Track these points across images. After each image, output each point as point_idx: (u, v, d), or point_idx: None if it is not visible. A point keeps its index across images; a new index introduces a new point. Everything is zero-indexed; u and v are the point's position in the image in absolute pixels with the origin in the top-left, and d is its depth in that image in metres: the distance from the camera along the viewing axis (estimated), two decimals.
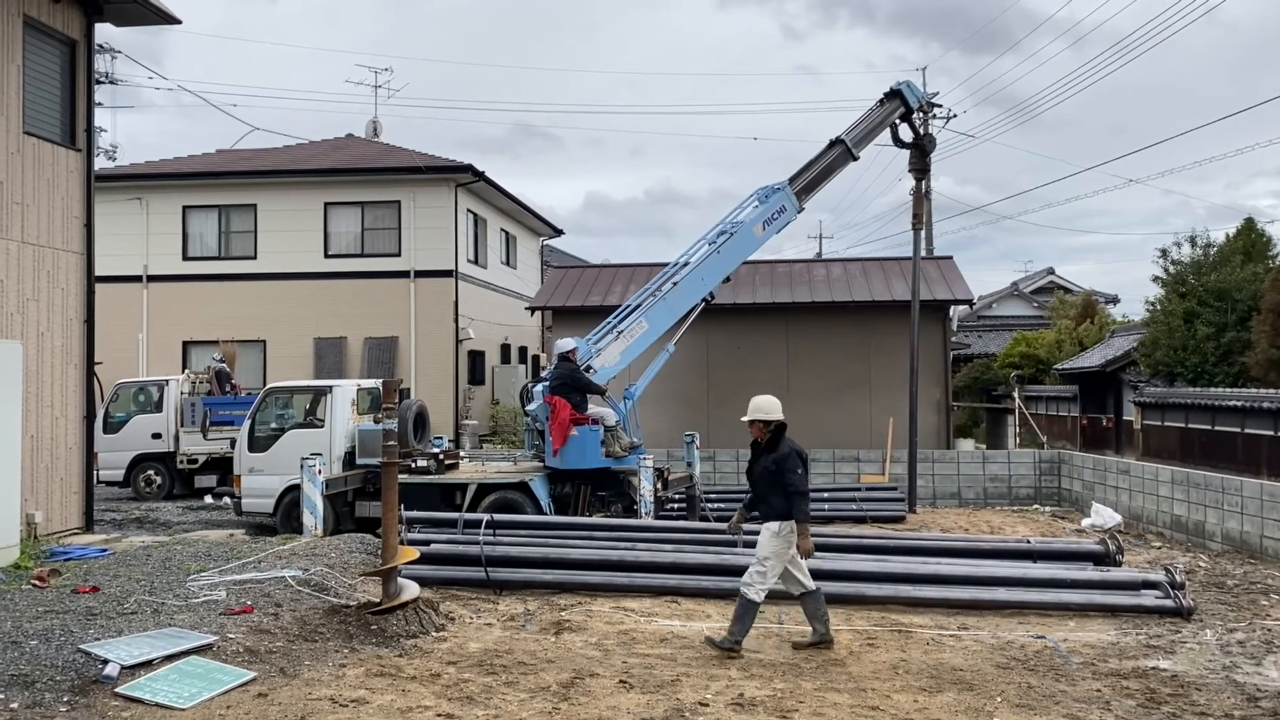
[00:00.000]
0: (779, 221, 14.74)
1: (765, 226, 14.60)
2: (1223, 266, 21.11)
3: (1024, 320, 39.49)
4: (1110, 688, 6.88)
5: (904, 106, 15.83)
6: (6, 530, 10.40)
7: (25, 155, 12.24)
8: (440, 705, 6.29)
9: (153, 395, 18.59)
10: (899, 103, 15.78)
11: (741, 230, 14.48)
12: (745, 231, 14.48)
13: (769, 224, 14.63)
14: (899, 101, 15.76)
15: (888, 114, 15.80)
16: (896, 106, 15.80)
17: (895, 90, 15.73)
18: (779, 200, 14.67)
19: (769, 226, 14.65)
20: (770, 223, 14.63)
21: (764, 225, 14.58)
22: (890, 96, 15.75)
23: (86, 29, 13.36)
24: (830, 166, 15.17)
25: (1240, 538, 12.47)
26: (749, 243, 14.58)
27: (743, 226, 14.51)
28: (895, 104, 15.78)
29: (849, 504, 15.74)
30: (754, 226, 14.51)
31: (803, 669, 7.26)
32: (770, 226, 14.66)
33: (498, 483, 13.01)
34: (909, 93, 15.74)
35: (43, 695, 6.09)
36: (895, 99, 15.75)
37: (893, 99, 15.75)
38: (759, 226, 14.54)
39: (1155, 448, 19.85)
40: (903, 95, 15.71)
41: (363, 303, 24.34)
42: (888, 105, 15.78)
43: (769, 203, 14.64)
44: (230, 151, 27.84)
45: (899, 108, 15.83)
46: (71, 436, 12.91)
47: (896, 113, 15.88)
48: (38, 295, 12.38)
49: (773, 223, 14.66)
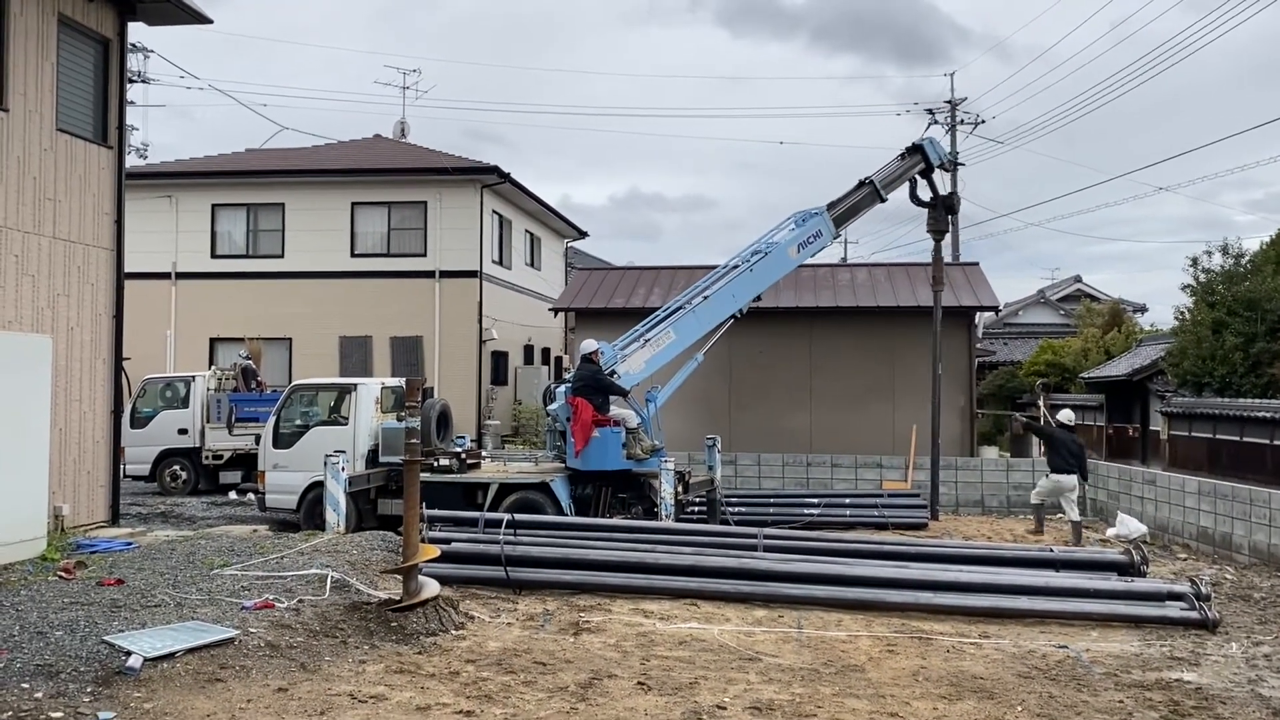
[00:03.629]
0: (814, 245, 14.72)
1: (800, 249, 14.60)
2: (1254, 275, 20.85)
3: (1050, 328, 39.21)
4: (1133, 699, 6.81)
5: (924, 163, 15.39)
6: (34, 522, 10.52)
7: (58, 152, 12.40)
8: (458, 703, 6.31)
9: (179, 391, 18.77)
10: (919, 158, 15.35)
11: (776, 251, 14.49)
12: (780, 252, 14.49)
13: (804, 247, 14.62)
14: (919, 157, 15.34)
15: (908, 168, 15.39)
16: (917, 161, 15.38)
17: (917, 145, 15.39)
18: (816, 224, 14.66)
19: (804, 249, 14.64)
20: (806, 246, 14.62)
21: (799, 248, 14.59)
22: (911, 151, 15.38)
23: (120, 28, 13.53)
24: (858, 205, 15.06)
25: (1268, 550, 12.31)
26: (783, 264, 14.58)
27: (778, 247, 14.52)
28: (916, 159, 15.37)
29: (871, 510, 15.66)
30: (789, 248, 14.52)
31: (821, 674, 7.23)
32: (805, 249, 14.66)
33: (519, 483, 13.04)
34: (930, 149, 15.35)
35: (66, 685, 6.16)
36: (916, 154, 15.35)
37: (914, 154, 15.36)
38: (794, 249, 14.55)
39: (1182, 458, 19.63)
40: (924, 151, 15.32)
41: (388, 302, 24.48)
42: (909, 160, 15.37)
43: (806, 226, 14.64)
44: (259, 151, 28.10)
45: (919, 163, 15.39)
46: (99, 430, 13.06)
47: (916, 168, 15.43)
48: (68, 290, 12.54)
49: (808, 246, 14.64)
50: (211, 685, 6.38)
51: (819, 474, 17.95)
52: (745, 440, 19.22)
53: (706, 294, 14.33)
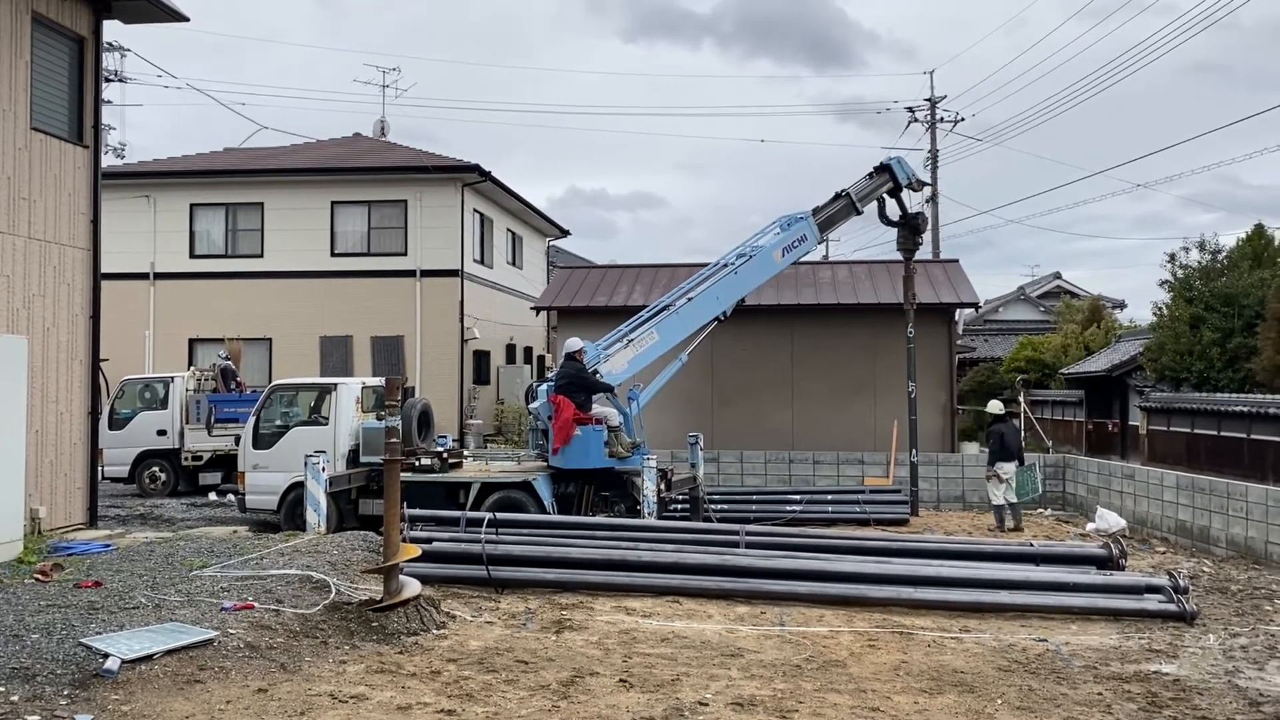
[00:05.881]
0: (799, 249, 14.82)
1: (785, 253, 14.68)
2: (1231, 271, 21.04)
3: (1030, 325, 39.40)
4: (1112, 691, 6.86)
5: (892, 182, 15.51)
6: (10, 525, 10.42)
7: (33, 151, 12.28)
8: (440, 702, 6.29)
9: (158, 392, 18.63)
10: (888, 177, 15.48)
11: (761, 254, 14.56)
12: (765, 256, 14.56)
13: (789, 251, 14.70)
14: (888, 176, 15.47)
15: (877, 186, 15.51)
16: (885, 180, 15.50)
17: (885, 165, 15.50)
18: (801, 229, 14.73)
19: (789, 253, 14.72)
20: (790, 250, 14.70)
21: (784, 251, 14.66)
22: (880, 170, 15.50)
23: (95, 26, 13.41)
24: (837, 215, 15.18)
25: (1245, 543, 12.43)
26: (767, 267, 14.63)
27: (762, 251, 14.59)
28: (884, 178, 15.49)
29: (852, 506, 15.74)
30: (774, 252, 14.60)
31: (803, 670, 7.25)
32: (790, 253, 14.74)
33: (501, 482, 13.01)
34: (898, 169, 15.46)
35: (43, 688, 6.10)
36: (884, 173, 15.48)
37: (882, 173, 15.48)
38: (779, 252, 14.63)
39: (1161, 453, 19.78)
40: (891, 170, 15.45)
41: (369, 301, 24.38)
42: (877, 178, 15.49)
43: (790, 230, 14.71)
44: (238, 150, 27.93)
45: (887, 182, 15.52)
46: (76, 432, 12.95)
47: (885, 187, 15.56)
48: (44, 291, 12.42)
49: (793, 250, 14.73)
50: (190, 687, 6.34)
51: (801, 470, 18.01)
52: (728, 438, 19.25)
53: (690, 295, 14.38)
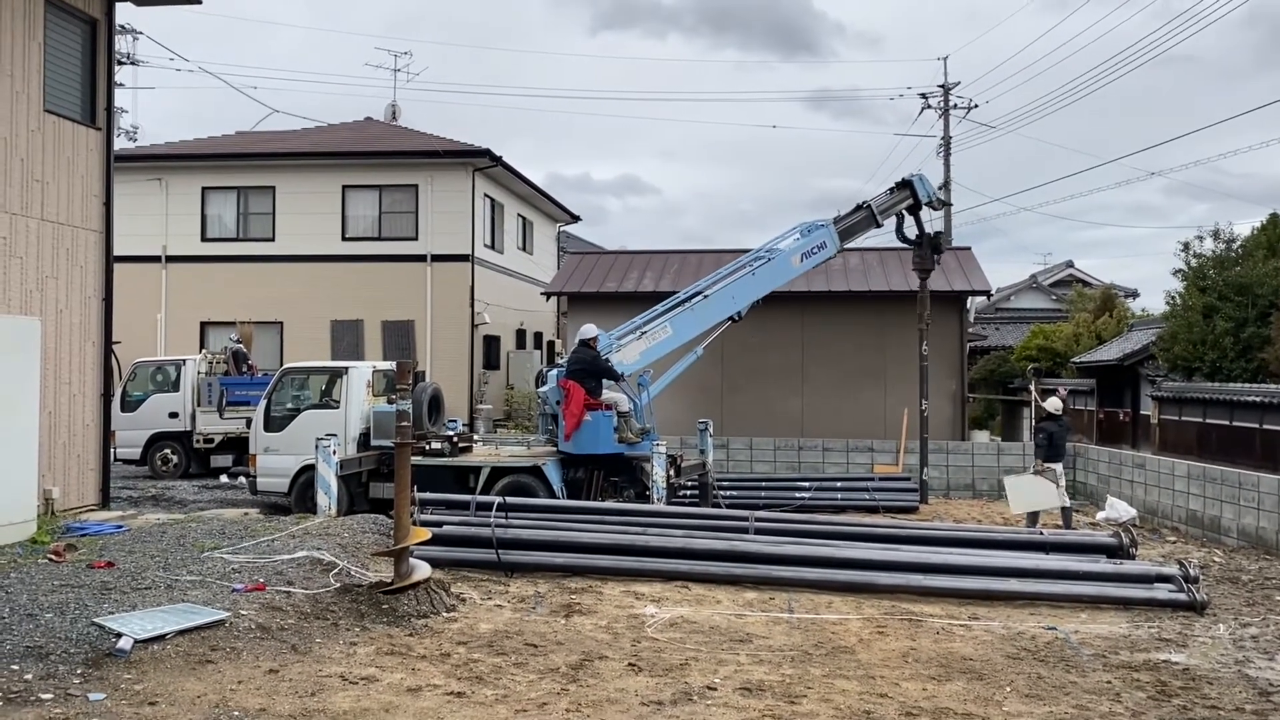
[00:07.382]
0: (818, 256, 14.79)
1: (804, 258, 14.66)
2: (1245, 261, 20.90)
3: (1042, 313, 39.23)
4: (1121, 679, 6.85)
5: (913, 198, 15.41)
6: (24, 506, 10.49)
7: (46, 133, 12.31)
8: (449, 684, 6.32)
9: (170, 375, 18.72)
10: (909, 193, 15.38)
11: (779, 258, 14.55)
12: (783, 260, 14.55)
13: (808, 256, 14.68)
14: (909, 192, 15.37)
15: (898, 201, 15.43)
16: (906, 196, 15.41)
17: (906, 181, 15.40)
18: (821, 236, 14.71)
19: (807, 259, 14.70)
20: (809, 255, 14.68)
21: (802, 257, 14.65)
22: (901, 186, 15.41)
23: (107, 8, 13.41)
24: (857, 225, 15.16)
25: (1256, 533, 12.39)
26: (785, 271, 14.62)
27: (781, 254, 14.58)
28: (905, 193, 15.39)
29: (862, 494, 15.74)
30: (793, 256, 14.59)
31: (812, 655, 7.26)
32: (809, 259, 14.71)
33: (511, 466, 13.04)
34: (919, 185, 15.35)
35: (56, 667, 6.16)
36: (906, 189, 15.37)
37: (903, 188, 15.38)
38: (797, 257, 14.62)
39: (1172, 442, 19.69)
40: (913, 187, 15.35)
41: (379, 286, 24.39)
42: (898, 193, 15.40)
43: (811, 236, 14.71)
44: (250, 134, 27.95)
45: (908, 198, 15.42)
46: (89, 414, 13.01)
47: (905, 203, 15.47)
48: (57, 273, 12.47)
49: (811, 256, 14.70)
50: (202, 667, 6.38)
51: (811, 457, 18.00)
52: (737, 424, 19.25)
53: (706, 293, 14.42)
